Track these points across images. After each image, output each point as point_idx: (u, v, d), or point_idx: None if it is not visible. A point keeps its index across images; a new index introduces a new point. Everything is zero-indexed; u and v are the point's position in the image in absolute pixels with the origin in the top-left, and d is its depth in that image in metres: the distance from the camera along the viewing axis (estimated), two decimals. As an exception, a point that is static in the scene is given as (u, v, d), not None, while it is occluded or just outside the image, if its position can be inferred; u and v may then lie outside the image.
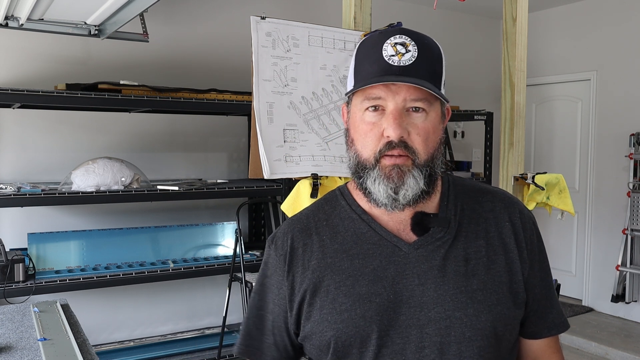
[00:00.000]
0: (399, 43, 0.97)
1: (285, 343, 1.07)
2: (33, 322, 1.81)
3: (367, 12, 2.04)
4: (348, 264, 1.01)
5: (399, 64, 0.95)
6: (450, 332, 0.95)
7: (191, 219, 3.94)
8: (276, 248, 1.08)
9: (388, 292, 0.97)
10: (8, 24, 2.79)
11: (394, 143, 0.95)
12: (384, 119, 0.96)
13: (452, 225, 1.02)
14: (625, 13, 4.78)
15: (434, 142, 0.98)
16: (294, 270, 1.04)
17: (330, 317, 0.99)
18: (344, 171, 1.90)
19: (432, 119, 0.98)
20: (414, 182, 0.96)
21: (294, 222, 1.10)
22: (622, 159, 4.77)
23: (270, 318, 1.07)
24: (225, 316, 3.40)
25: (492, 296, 0.98)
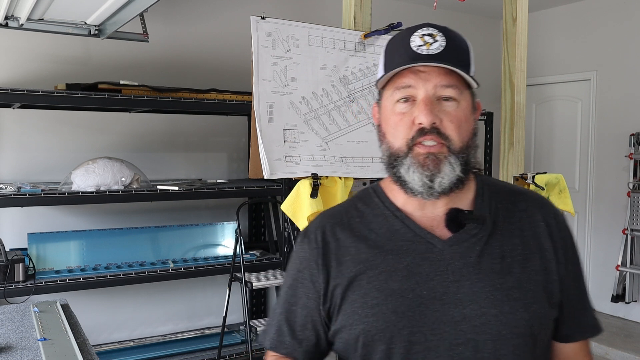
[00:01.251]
0: (427, 34, 0.97)
1: (319, 337, 1.06)
2: (33, 322, 1.81)
3: (367, 12, 2.04)
4: (381, 260, 1.00)
5: (428, 52, 0.95)
6: (486, 329, 0.94)
7: (191, 219, 3.94)
8: (309, 242, 1.07)
9: (421, 288, 0.96)
10: (8, 24, 2.79)
11: (426, 129, 0.94)
12: (415, 108, 0.96)
13: (487, 222, 1.00)
14: (625, 13, 4.78)
15: (467, 131, 0.98)
16: (327, 264, 1.04)
17: (361, 311, 0.98)
18: (344, 171, 1.90)
19: (464, 108, 0.98)
20: (450, 169, 0.95)
21: (327, 217, 1.10)
22: (622, 159, 4.77)
23: (302, 313, 1.06)
24: (225, 316, 3.40)
25: (527, 294, 0.96)
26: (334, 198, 1.85)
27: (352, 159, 1.94)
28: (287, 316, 1.07)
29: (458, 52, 0.98)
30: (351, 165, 1.93)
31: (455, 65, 0.95)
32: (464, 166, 0.97)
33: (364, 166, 1.96)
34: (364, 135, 1.98)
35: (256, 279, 3.38)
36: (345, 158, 1.92)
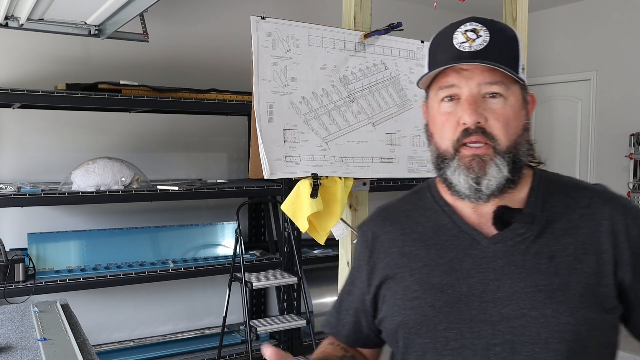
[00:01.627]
0: (470, 30, 0.95)
1: (361, 323, 1.11)
2: (33, 322, 1.81)
3: (367, 12, 2.04)
4: (425, 253, 1.00)
5: (470, 49, 0.93)
6: (525, 331, 0.90)
7: (191, 219, 3.94)
8: (362, 234, 1.12)
9: (461, 284, 0.95)
10: (8, 24, 2.79)
11: (471, 130, 0.92)
12: (459, 107, 0.94)
13: (536, 221, 0.96)
14: (625, 13, 4.78)
15: (516, 128, 0.95)
16: (375, 256, 1.07)
17: (401, 303, 1.00)
18: (344, 171, 1.90)
19: (512, 104, 0.94)
20: (497, 170, 0.93)
21: (381, 211, 1.13)
22: (622, 159, 4.77)
23: (349, 299, 1.13)
24: (225, 316, 3.40)
25: (574, 298, 0.91)
26: (334, 198, 1.84)
27: (352, 159, 1.94)
28: (338, 301, 1.17)
29: (503, 46, 0.94)
30: (351, 165, 1.93)
31: (498, 61, 0.92)
32: (512, 166, 0.94)
33: (364, 166, 1.96)
34: (364, 135, 1.98)
35: (256, 279, 3.38)
36: (345, 158, 1.92)
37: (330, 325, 1.16)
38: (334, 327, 1.15)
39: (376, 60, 2.04)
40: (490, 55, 0.92)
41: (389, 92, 2.07)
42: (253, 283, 3.32)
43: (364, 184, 2.03)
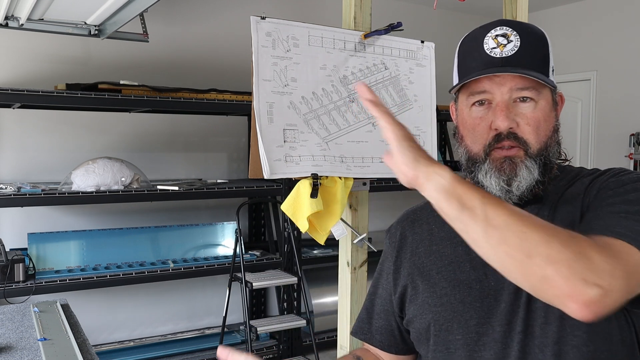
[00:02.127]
0: (500, 35, 0.96)
1: (392, 327, 1.11)
2: (33, 322, 1.81)
3: (367, 12, 2.04)
4: (451, 251, 1.01)
5: (501, 55, 0.94)
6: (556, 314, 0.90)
7: (191, 219, 3.94)
8: (390, 236, 1.13)
9: (489, 279, 0.96)
10: (8, 24, 2.79)
11: (503, 135, 0.93)
12: (491, 112, 0.95)
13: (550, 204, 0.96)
14: (625, 13, 4.78)
15: (546, 131, 0.97)
16: (402, 256, 1.08)
17: (431, 301, 1.00)
18: (344, 171, 1.90)
19: (543, 107, 0.96)
20: (527, 172, 0.94)
21: (409, 213, 1.14)
22: (622, 159, 4.77)
23: (379, 302, 1.13)
24: (225, 316, 3.40)
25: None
26: (334, 198, 1.84)
27: (352, 159, 1.94)
28: (368, 305, 1.16)
29: (534, 50, 0.95)
30: (351, 165, 1.93)
31: (530, 67, 0.93)
32: (543, 168, 0.95)
33: (364, 166, 1.96)
34: (364, 135, 1.98)
35: (256, 279, 3.38)
36: (345, 158, 1.92)
37: (362, 331, 1.15)
38: (367, 332, 1.14)
39: (376, 60, 2.04)
40: (521, 61, 0.93)
41: (389, 92, 2.07)
42: (253, 283, 3.32)
43: (364, 184, 2.03)
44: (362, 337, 1.16)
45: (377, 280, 1.15)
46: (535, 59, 0.95)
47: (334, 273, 2.27)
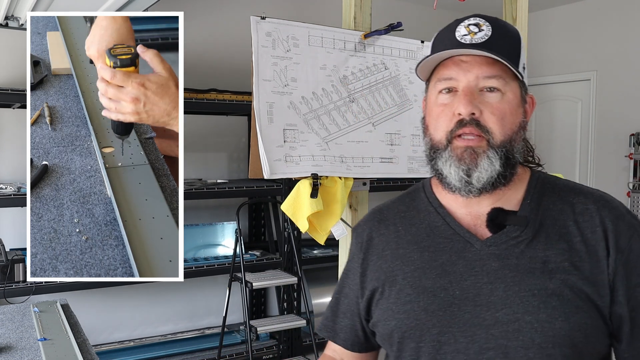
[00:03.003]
0: (473, 24, 0.95)
1: (357, 327, 1.10)
2: (33, 322, 1.81)
3: (367, 12, 2.04)
4: (418, 256, 1.00)
5: (471, 41, 0.93)
6: (518, 336, 0.89)
7: (191, 219, 3.94)
8: (356, 236, 1.12)
9: (454, 287, 0.94)
10: (8, 24, 2.79)
11: (465, 120, 0.92)
12: (456, 99, 0.94)
13: (530, 225, 0.94)
14: (625, 13, 4.78)
15: (512, 124, 0.94)
16: (369, 258, 1.06)
17: (395, 307, 0.99)
18: (344, 171, 1.90)
19: (509, 100, 0.94)
20: (488, 163, 0.92)
21: (375, 213, 1.12)
22: (622, 159, 4.77)
23: (344, 301, 1.12)
24: (225, 316, 3.40)
25: (569, 303, 0.89)
26: (334, 198, 1.84)
27: (352, 159, 1.94)
28: (333, 304, 1.15)
29: (505, 41, 0.94)
30: (351, 165, 1.93)
31: (499, 54, 0.91)
32: (505, 160, 0.92)
33: (364, 166, 1.96)
34: (364, 135, 1.98)
35: (256, 279, 3.38)
36: (345, 158, 1.92)
37: (327, 329, 1.15)
38: (331, 330, 1.14)
39: (376, 60, 2.04)
40: (490, 48, 0.92)
41: (389, 92, 2.07)
42: (253, 283, 3.32)
43: (364, 184, 2.03)
44: (326, 335, 1.15)
45: (344, 279, 1.13)
46: (504, 50, 0.93)
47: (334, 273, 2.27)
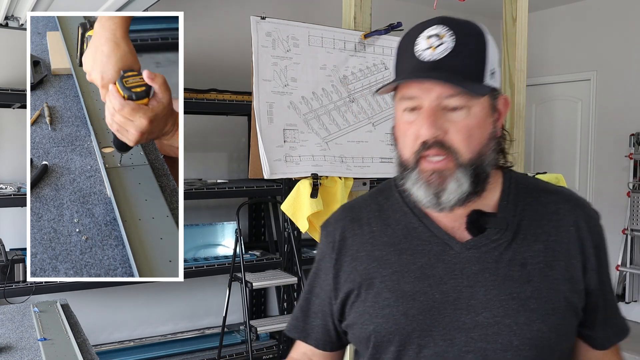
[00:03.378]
0: (434, 35, 0.91)
1: (329, 327, 1.08)
2: (33, 322, 1.81)
3: (367, 12, 2.04)
4: (395, 259, 0.98)
5: (431, 58, 0.89)
6: (498, 339, 0.90)
7: (191, 219, 3.94)
8: (327, 235, 1.08)
9: (434, 291, 0.94)
10: (8, 24, 2.79)
11: (429, 143, 0.89)
12: (419, 119, 0.90)
13: (509, 226, 0.95)
14: (625, 13, 4.78)
15: (480, 139, 0.91)
16: (342, 260, 1.03)
17: (372, 311, 0.97)
18: (344, 171, 1.90)
19: (476, 114, 0.90)
20: (456, 185, 0.90)
21: (347, 211, 1.09)
22: (622, 159, 4.77)
23: (316, 302, 1.09)
24: (225, 316, 3.40)
25: (546, 305, 0.92)
26: (334, 198, 1.84)
27: (352, 159, 1.94)
28: (303, 304, 1.11)
29: (468, 53, 0.90)
30: (351, 165, 1.93)
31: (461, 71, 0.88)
32: (475, 177, 0.91)
33: (364, 166, 1.96)
34: (364, 135, 1.98)
35: (256, 279, 3.38)
36: (345, 158, 1.92)
37: (297, 329, 1.11)
38: (302, 331, 1.11)
39: (376, 60, 2.04)
40: (452, 65, 0.88)
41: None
42: (253, 283, 3.32)
43: (364, 184, 2.03)
44: (296, 336, 1.12)
45: (314, 279, 1.10)
46: (468, 63, 0.90)
47: (334, 273, 2.26)
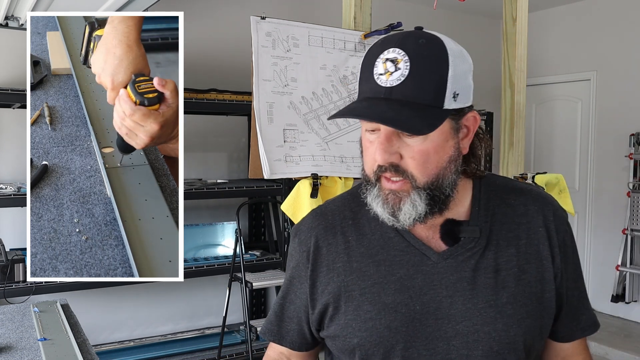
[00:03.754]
0: (390, 59, 0.89)
1: (304, 331, 1.08)
2: (33, 322, 1.81)
3: (367, 12, 2.04)
4: (374, 270, 0.98)
5: (386, 84, 0.88)
6: (478, 345, 0.93)
7: (191, 219, 3.94)
8: (300, 243, 1.07)
9: (415, 302, 0.95)
10: (8, 24, 2.79)
11: (384, 167, 0.90)
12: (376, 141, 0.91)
13: (483, 233, 0.97)
14: (625, 13, 4.78)
15: (437, 163, 0.91)
16: (317, 270, 1.03)
17: (355, 324, 0.97)
18: (344, 171, 1.90)
19: (433, 139, 0.89)
20: (411, 207, 0.91)
21: (319, 218, 1.07)
22: (622, 159, 4.77)
23: (290, 307, 1.08)
24: (225, 316, 3.40)
25: (521, 309, 0.95)
26: (334, 198, 1.85)
27: (352, 159, 1.94)
28: (277, 308, 1.11)
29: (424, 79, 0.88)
30: (351, 165, 1.93)
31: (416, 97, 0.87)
32: (431, 200, 0.91)
33: (364, 166, 1.97)
34: (364, 135, 1.98)
35: (256, 279, 3.38)
36: (345, 158, 1.92)
37: (272, 333, 1.11)
38: (276, 334, 1.10)
39: (376, 60, 2.04)
40: (405, 93, 0.87)
41: (389, 92, 2.07)
42: (253, 283, 3.32)
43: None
44: (271, 339, 1.12)
45: (288, 285, 1.09)
46: (423, 89, 0.87)
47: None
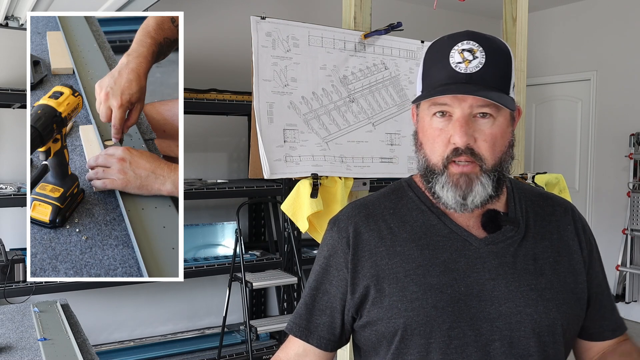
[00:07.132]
0: (467, 49, 0.97)
1: (335, 325, 1.07)
2: (33, 322, 1.81)
3: (367, 12, 2.04)
4: (418, 254, 1.02)
5: (466, 71, 0.96)
6: (521, 327, 0.98)
7: (191, 219, 3.94)
8: (339, 230, 1.08)
9: (459, 284, 0.99)
10: (8, 24, 2.79)
11: (461, 150, 0.96)
12: (450, 126, 0.97)
13: (521, 225, 1.04)
14: (625, 13, 4.78)
15: (502, 147, 0.99)
16: (359, 254, 1.04)
17: (401, 305, 0.99)
18: (344, 171, 1.90)
19: (500, 124, 0.98)
20: (482, 188, 0.98)
21: (359, 207, 1.10)
22: (622, 159, 4.77)
23: (324, 299, 1.08)
24: (225, 316, 3.40)
25: (559, 295, 1.01)
26: (334, 198, 1.84)
27: (352, 159, 1.94)
28: (308, 300, 1.09)
29: (497, 68, 0.98)
30: (351, 165, 1.93)
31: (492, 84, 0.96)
32: (496, 183, 0.99)
33: (364, 166, 1.96)
34: (364, 135, 1.98)
35: (256, 279, 3.38)
36: (345, 158, 1.92)
37: (299, 328, 1.09)
38: (304, 329, 1.08)
39: (376, 60, 2.04)
40: (485, 78, 0.96)
41: (389, 92, 2.07)
42: (253, 283, 3.32)
43: (364, 184, 2.03)
44: (298, 334, 1.09)
45: (323, 275, 1.08)
46: (497, 77, 0.98)
47: (334, 273, 2.26)
